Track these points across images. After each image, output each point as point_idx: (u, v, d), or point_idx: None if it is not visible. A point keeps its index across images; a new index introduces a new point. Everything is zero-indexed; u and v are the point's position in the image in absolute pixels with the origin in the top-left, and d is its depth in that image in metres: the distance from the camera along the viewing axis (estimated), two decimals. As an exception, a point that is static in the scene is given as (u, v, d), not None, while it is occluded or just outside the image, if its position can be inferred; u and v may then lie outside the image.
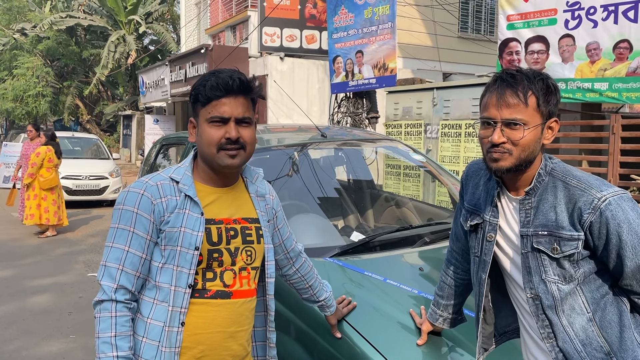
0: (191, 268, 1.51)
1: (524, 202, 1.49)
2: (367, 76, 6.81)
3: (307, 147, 3.52)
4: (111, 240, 1.51)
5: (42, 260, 6.90)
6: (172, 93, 13.96)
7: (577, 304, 1.44)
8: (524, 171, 1.48)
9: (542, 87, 1.43)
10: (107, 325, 1.44)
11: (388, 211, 3.78)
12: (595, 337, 1.43)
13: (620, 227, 1.35)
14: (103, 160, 12.15)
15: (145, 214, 1.50)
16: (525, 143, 1.42)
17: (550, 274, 1.45)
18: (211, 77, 1.54)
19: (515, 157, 1.43)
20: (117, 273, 1.47)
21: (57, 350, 4.13)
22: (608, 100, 5.45)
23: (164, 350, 1.49)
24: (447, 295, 1.88)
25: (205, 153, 1.56)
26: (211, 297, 1.55)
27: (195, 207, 1.54)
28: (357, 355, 1.92)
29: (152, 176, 1.59)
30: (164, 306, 1.50)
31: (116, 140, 22.98)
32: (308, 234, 2.95)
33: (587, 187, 1.40)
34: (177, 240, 1.50)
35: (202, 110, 1.55)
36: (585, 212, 1.38)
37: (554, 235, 1.42)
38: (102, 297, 1.46)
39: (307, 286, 1.94)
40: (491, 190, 1.58)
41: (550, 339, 1.47)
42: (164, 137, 4.73)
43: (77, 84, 22.95)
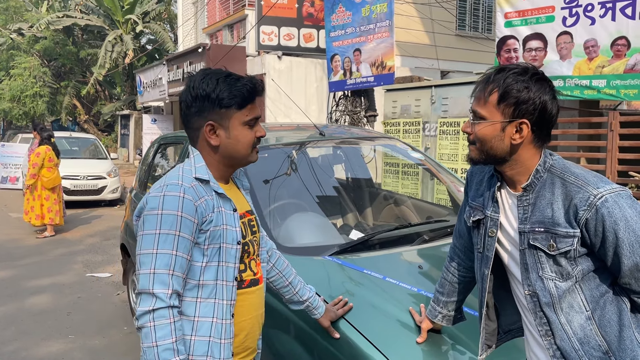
0: (236, 262, 1.61)
1: (521, 198, 1.49)
2: (365, 74, 6.80)
3: (306, 146, 3.51)
4: (154, 246, 1.47)
5: (41, 260, 6.88)
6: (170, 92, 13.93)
7: (576, 302, 1.43)
8: (508, 166, 1.48)
9: (507, 87, 1.41)
10: (167, 332, 1.44)
11: (387, 209, 3.78)
12: (594, 336, 1.42)
13: (616, 225, 1.34)
14: (101, 160, 12.12)
15: (189, 217, 1.50)
16: (481, 136, 1.46)
17: (547, 271, 1.44)
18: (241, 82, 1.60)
19: (477, 149, 1.49)
20: (169, 278, 1.47)
21: (57, 351, 4.12)
22: (606, 97, 5.45)
23: (220, 342, 1.55)
24: (448, 292, 1.87)
25: (239, 154, 1.64)
26: (247, 286, 1.68)
27: (226, 204, 1.62)
28: (357, 354, 1.92)
29: (179, 177, 1.57)
30: (211, 302, 1.55)
31: (114, 140, 22.93)
32: (307, 233, 2.95)
33: (583, 184, 1.39)
34: (222, 238, 1.57)
35: (238, 114, 1.60)
36: (581, 209, 1.37)
37: (550, 232, 1.42)
38: (156, 305, 1.44)
39: (287, 283, 1.98)
40: (492, 186, 1.58)
41: (548, 336, 1.47)
42: (162, 137, 4.72)
43: (75, 84, 22.89)
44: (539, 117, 1.42)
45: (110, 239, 8.06)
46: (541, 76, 1.45)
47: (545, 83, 1.44)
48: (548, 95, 1.43)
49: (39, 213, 8.12)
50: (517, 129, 1.43)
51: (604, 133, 5.69)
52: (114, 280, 5.89)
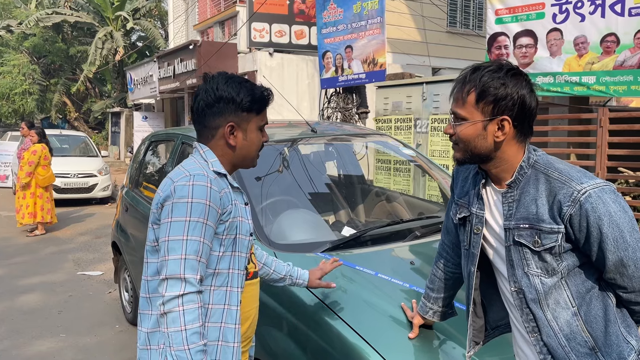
0: (247, 252, 1.71)
1: (506, 195, 1.49)
2: (356, 71, 6.80)
3: (298, 143, 3.51)
4: (184, 233, 1.52)
5: (32, 259, 6.84)
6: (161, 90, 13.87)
7: (562, 298, 1.43)
8: (493, 164, 1.48)
9: (484, 86, 1.41)
10: (195, 316, 1.49)
11: (379, 206, 3.78)
12: (580, 332, 1.42)
13: (600, 220, 1.34)
14: (92, 157, 12.04)
15: (215, 206, 1.58)
16: (463, 137, 1.46)
17: (532, 267, 1.44)
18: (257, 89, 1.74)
19: (461, 149, 1.49)
20: (198, 264, 1.53)
21: (47, 350, 4.10)
22: (596, 94, 5.49)
23: (231, 327, 1.63)
24: (438, 288, 1.88)
25: (250, 156, 1.76)
26: (251, 278, 1.78)
27: (239, 198, 1.73)
28: (349, 350, 1.93)
29: (201, 168, 1.63)
30: (223, 290, 1.63)
31: (104, 138, 22.80)
32: (299, 230, 2.95)
33: (567, 180, 1.38)
34: (238, 229, 1.66)
35: (256, 118, 1.74)
36: (565, 205, 1.36)
37: (535, 228, 1.42)
38: (187, 289, 1.49)
39: (261, 265, 2.04)
40: (477, 183, 1.59)
41: (535, 332, 1.47)
42: (153, 134, 4.70)
43: (64, 82, 22.72)
44: (519, 112, 1.42)
45: (101, 237, 8.02)
46: (517, 71, 1.45)
47: (522, 77, 1.44)
48: (525, 90, 1.42)
49: (32, 211, 8.06)
50: (499, 126, 1.42)
51: (594, 129, 5.73)
52: (106, 279, 5.86)
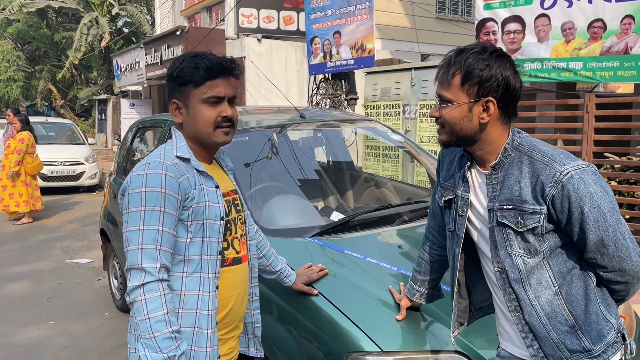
0: (219, 237, 1.64)
1: (490, 176, 1.51)
2: (345, 57, 6.78)
3: (286, 129, 3.51)
4: (140, 223, 1.51)
5: (19, 247, 6.79)
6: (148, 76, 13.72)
7: (544, 278, 1.46)
8: (478, 146, 1.50)
9: (469, 67, 1.42)
10: (158, 305, 1.48)
11: (368, 192, 3.80)
12: (561, 311, 1.45)
13: (582, 201, 1.36)
14: (78, 145, 11.92)
15: (173, 193, 1.54)
16: (449, 119, 1.46)
17: (515, 248, 1.47)
18: (202, 60, 1.61)
19: (447, 131, 1.49)
20: (157, 253, 1.51)
21: (37, 337, 4.09)
22: (582, 80, 5.53)
23: (207, 314, 1.59)
24: (424, 271, 1.91)
25: (200, 132, 1.64)
26: (230, 264, 1.70)
27: (208, 182, 1.65)
28: (338, 332, 1.95)
29: (160, 155, 1.60)
30: (196, 276, 1.59)
31: (91, 125, 22.57)
32: (288, 215, 2.97)
33: (550, 161, 1.41)
34: (204, 214, 1.59)
35: (196, 91, 1.61)
36: (548, 186, 1.39)
37: (518, 209, 1.44)
38: (146, 279, 1.48)
39: (261, 255, 2.03)
40: (462, 166, 1.60)
41: (517, 311, 1.50)
42: (141, 120, 4.67)
43: (50, 68, 22.41)
44: (503, 94, 1.43)
45: (89, 224, 7.98)
46: (500, 53, 1.46)
47: (505, 59, 1.45)
48: (510, 71, 1.44)
49: (26, 199, 8.01)
50: (484, 107, 1.44)
51: (581, 115, 5.78)
52: (94, 266, 5.85)
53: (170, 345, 1.47)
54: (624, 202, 5.93)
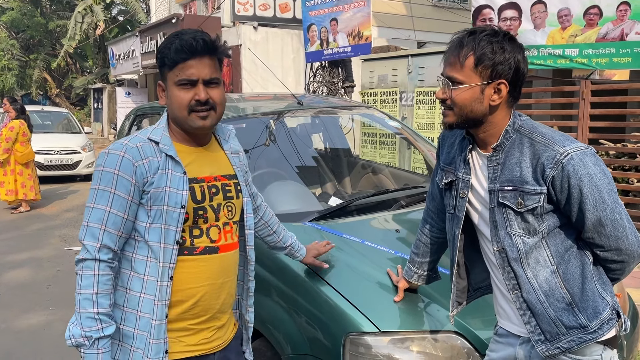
0: (178, 226, 1.55)
1: (491, 158, 1.53)
2: (342, 44, 6.78)
3: (284, 115, 3.52)
4: (92, 201, 1.51)
5: (17, 235, 6.81)
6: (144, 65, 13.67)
7: (542, 257, 1.50)
8: (483, 129, 1.52)
9: (483, 49, 1.44)
10: (89, 283, 1.46)
11: (365, 178, 3.83)
12: (558, 289, 1.49)
13: (581, 181, 1.40)
14: (75, 134, 11.89)
15: (126, 176, 1.50)
16: (460, 101, 1.47)
17: (515, 228, 1.50)
18: (175, 40, 1.55)
19: (455, 114, 1.50)
20: (100, 233, 1.48)
21: (37, 323, 4.13)
22: (578, 66, 5.55)
23: (156, 304, 1.54)
24: (422, 253, 1.94)
25: (176, 116, 1.59)
26: (200, 253, 1.60)
27: (177, 167, 1.57)
28: (337, 314, 1.99)
29: (130, 138, 1.58)
30: (156, 263, 1.54)
31: (87, 114, 22.48)
32: (286, 200, 2.99)
33: (550, 143, 1.44)
34: (163, 200, 1.53)
35: (170, 74, 1.56)
36: (548, 167, 1.42)
37: (518, 190, 1.47)
38: (85, 255, 1.48)
39: (271, 232, 2.01)
40: (464, 147, 1.63)
41: (515, 290, 1.54)
42: (138, 108, 4.66)
43: (44, 57, 22.26)
44: (514, 77, 1.46)
45: (87, 213, 7.99)
46: (512, 36, 1.49)
47: (517, 42, 1.49)
48: (520, 55, 1.47)
49: (11, 188, 7.98)
50: (495, 90, 1.46)
51: (576, 102, 5.81)
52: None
53: (92, 326, 1.45)
54: (619, 188, 5.98)
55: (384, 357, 1.87)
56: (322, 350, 1.99)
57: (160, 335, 1.54)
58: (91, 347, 1.46)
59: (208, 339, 1.65)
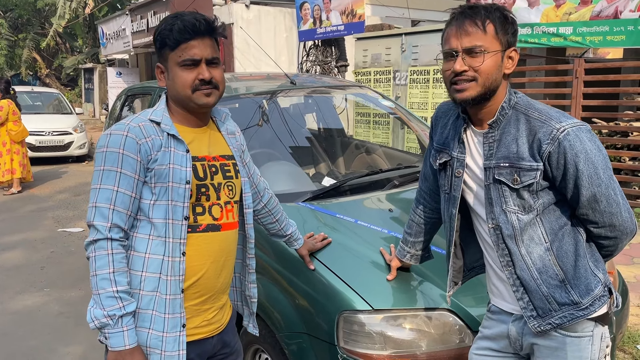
0: (185, 202, 1.58)
1: (487, 135, 1.54)
2: (335, 23, 6.71)
3: (277, 95, 3.50)
4: (98, 182, 1.52)
5: (10, 217, 6.79)
6: (135, 44, 13.50)
7: (536, 235, 1.51)
8: (488, 104, 1.52)
9: (499, 16, 1.48)
10: (105, 263, 1.48)
11: (358, 158, 3.83)
12: (552, 266, 1.50)
13: (577, 157, 1.40)
14: (66, 115, 11.77)
15: (131, 154, 1.52)
16: (486, 69, 1.46)
17: (510, 205, 1.51)
18: (176, 21, 1.57)
19: (479, 84, 1.47)
20: (109, 212, 1.50)
21: (32, 304, 4.14)
22: (572, 45, 5.53)
23: (168, 279, 1.56)
24: (415, 233, 1.95)
25: (180, 96, 1.61)
26: (203, 230, 1.63)
27: (179, 145, 1.60)
28: (331, 292, 2.01)
29: (131, 118, 1.61)
30: (161, 240, 1.56)
31: (78, 95, 22.24)
32: (280, 181, 2.99)
33: (547, 119, 1.45)
34: (168, 177, 1.56)
35: (172, 55, 1.58)
36: (545, 143, 1.43)
37: (514, 166, 1.48)
38: (96, 236, 1.49)
39: (274, 220, 2.03)
40: (458, 127, 1.63)
41: (509, 266, 1.55)
42: (129, 88, 4.62)
43: (33, 36, 21.91)
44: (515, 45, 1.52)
45: (80, 194, 7.97)
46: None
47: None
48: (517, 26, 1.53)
49: (8, 168, 8.01)
50: (509, 57, 1.50)
51: (570, 80, 5.81)
52: (87, 235, 5.85)
53: (113, 305, 1.47)
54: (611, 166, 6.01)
55: (377, 335, 1.90)
56: (316, 328, 2.01)
57: (176, 309, 1.56)
58: (115, 326, 1.47)
59: (208, 320, 1.68)
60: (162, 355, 1.55)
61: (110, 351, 1.49)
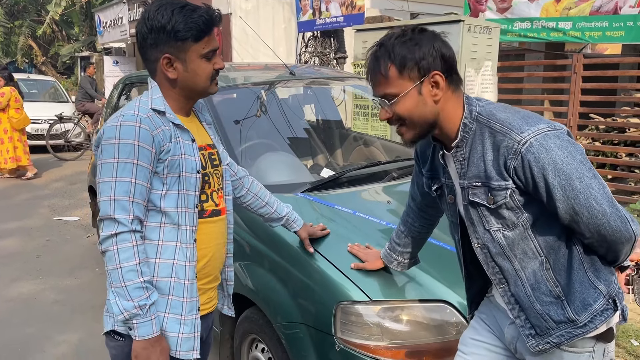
0: (196, 190, 1.64)
1: (456, 154, 1.45)
2: (334, 14, 6.68)
3: (275, 86, 3.49)
4: (113, 175, 1.51)
5: (5, 205, 6.77)
6: (132, 33, 13.40)
7: (529, 249, 1.41)
8: (438, 132, 1.45)
9: (402, 52, 1.38)
10: (130, 255, 1.50)
11: (357, 150, 3.83)
12: (544, 282, 1.41)
13: (544, 170, 1.29)
14: (62, 103, 11.70)
15: (147, 146, 1.53)
16: (405, 112, 1.40)
17: (492, 224, 1.43)
18: (196, 14, 1.57)
19: (409, 126, 1.43)
20: (130, 205, 1.51)
21: (28, 292, 4.14)
22: (571, 40, 5.53)
23: (185, 265, 1.61)
24: (404, 244, 1.90)
25: (198, 87, 1.64)
26: (209, 216, 1.72)
27: (185, 135, 1.64)
28: (328, 283, 2.01)
29: (135, 108, 1.58)
30: (174, 227, 1.61)
31: (74, 83, 22.08)
32: (279, 171, 2.99)
33: (507, 131, 1.34)
34: (180, 167, 1.59)
35: (195, 46, 1.59)
36: (508, 158, 1.33)
37: (486, 185, 1.39)
38: (119, 229, 1.50)
39: (263, 204, 2.05)
40: (436, 153, 1.56)
41: (502, 284, 1.48)
42: (127, 77, 4.60)
43: (30, 24, 21.72)
44: (442, 64, 1.39)
45: (76, 183, 7.95)
46: (422, 28, 1.43)
47: (429, 31, 1.42)
48: (438, 41, 1.40)
49: (13, 155, 8.11)
50: (432, 84, 1.39)
51: (568, 75, 5.81)
52: (83, 224, 5.86)
53: (142, 295, 1.50)
54: (607, 162, 6.03)
55: (375, 326, 1.91)
56: (313, 318, 2.02)
57: (193, 294, 1.63)
58: (145, 316, 1.51)
59: (210, 298, 1.79)
60: (180, 337, 1.60)
61: (138, 340, 1.52)
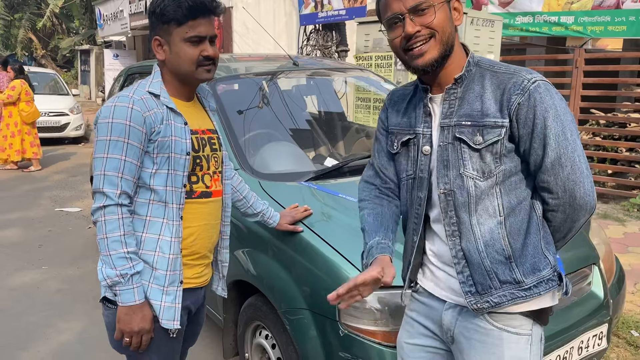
0: (184, 171, 1.71)
1: (449, 91, 1.43)
2: (336, 7, 6.68)
3: (278, 76, 3.50)
4: (104, 151, 1.61)
5: (7, 196, 6.78)
6: (132, 26, 13.39)
7: (492, 206, 1.40)
8: (447, 63, 1.42)
9: None
10: (115, 226, 1.60)
11: (359, 142, 3.84)
12: (500, 240, 1.39)
13: (547, 112, 1.33)
14: (62, 96, 11.67)
15: (137, 126, 1.62)
16: (440, 23, 1.37)
17: (469, 168, 1.40)
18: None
19: (438, 41, 1.38)
20: (118, 180, 1.60)
21: (31, 281, 4.15)
22: (573, 34, 5.54)
23: (170, 240, 1.69)
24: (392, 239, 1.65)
25: (182, 70, 1.71)
26: (198, 197, 1.78)
27: (177, 118, 1.71)
28: (331, 268, 2.03)
29: (131, 90, 1.68)
30: (161, 205, 1.69)
31: (74, 77, 22.06)
32: (282, 161, 3.00)
33: (515, 71, 1.38)
34: (170, 148, 1.67)
35: (178, 30, 1.66)
36: (515, 94, 1.34)
37: (478, 125, 1.38)
38: (106, 202, 1.59)
39: (241, 197, 2.13)
40: (419, 102, 1.51)
41: (454, 237, 1.44)
42: (129, 67, 4.61)
43: (29, 16, 21.68)
44: None
45: (77, 175, 7.96)
46: None
47: None
48: None
49: (19, 148, 8.16)
50: (454, 8, 1.41)
51: (569, 70, 5.82)
52: (84, 215, 5.87)
53: (125, 264, 1.60)
54: (608, 156, 6.05)
55: (379, 311, 1.92)
56: (317, 304, 2.04)
57: (176, 267, 1.71)
58: (127, 284, 1.61)
59: (199, 273, 1.84)
60: (162, 306, 1.69)
61: (121, 306, 1.63)
